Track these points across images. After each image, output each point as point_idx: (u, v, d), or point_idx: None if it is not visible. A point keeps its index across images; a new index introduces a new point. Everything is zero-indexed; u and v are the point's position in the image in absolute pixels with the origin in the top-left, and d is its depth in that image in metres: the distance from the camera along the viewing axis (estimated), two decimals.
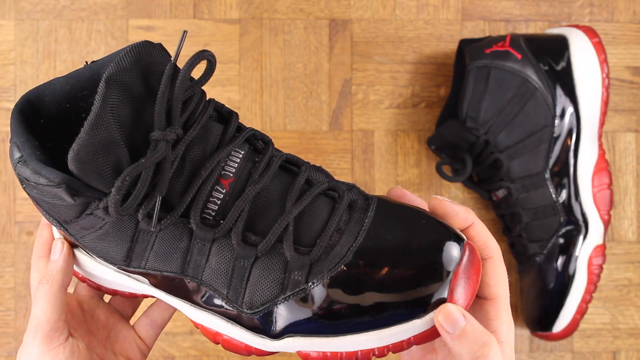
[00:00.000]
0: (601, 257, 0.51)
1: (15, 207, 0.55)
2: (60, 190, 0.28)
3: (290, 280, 0.30)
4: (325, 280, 0.29)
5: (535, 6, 0.57)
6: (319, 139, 0.56)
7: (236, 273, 0.30)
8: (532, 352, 0.56)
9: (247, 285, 0.30)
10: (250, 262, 0.30)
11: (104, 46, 0.56)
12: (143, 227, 0.31)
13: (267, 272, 0.30)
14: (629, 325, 0.57)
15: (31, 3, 0.56)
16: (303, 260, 0.30)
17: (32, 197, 0.31)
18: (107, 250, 0.32)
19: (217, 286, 0.31)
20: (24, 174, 0.29)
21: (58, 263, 0.35)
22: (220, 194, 0.30)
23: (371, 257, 0.30)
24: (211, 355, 0.55)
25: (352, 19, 0.57)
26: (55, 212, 0.31)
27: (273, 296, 0.30)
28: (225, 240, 0.30)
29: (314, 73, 0.56)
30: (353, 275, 0.29)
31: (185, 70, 0.28)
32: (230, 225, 0.30)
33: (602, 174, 0.51)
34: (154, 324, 0.40)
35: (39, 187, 0.29)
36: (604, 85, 0.50)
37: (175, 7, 0.56)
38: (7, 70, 0.56)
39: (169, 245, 0.31)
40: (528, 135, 0.50)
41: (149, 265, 0.32)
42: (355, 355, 0.30)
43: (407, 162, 0.57)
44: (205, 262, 0.30)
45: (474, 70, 0.50)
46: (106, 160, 0.28)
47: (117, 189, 0.27)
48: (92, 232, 0.31)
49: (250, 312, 0.30)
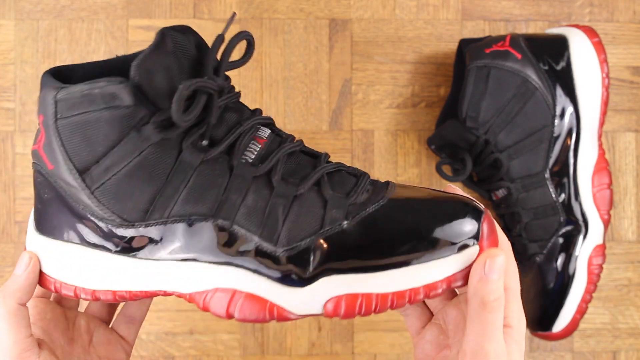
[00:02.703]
0: (601, 257, 0.51)
1: (15, 207, 0.55)
2: (121, 88, 0.29)
3: (328, 217, 0.30)
4: (363, 216, 0.30)
5: (535, 6, 0.57)
6: (319, 139, 0.56)
7: (273, 211, 0.30)
8: (532, 352, 0.56)
9: (285, 222, 0.30)
10: (289, 200, 0.31)
11: (103, 46, 0.56)
12: (186, 158, 0.30)
13: (307, 209, 0.31)
14: (629, 325, 0.57)
15: (31, 3, 0.56)
16: (341, 200, 0.31)
17: (56, 138, 0.30)
18: (129, 195, 0.30)
19: (251, 226, 0.30)
20: (69, 96, 0.30)
21: (20, 279, 0.33)
22: (256, 147, 0.32)
23: (405, 202, 0.31)
24: (211, 355, 0.55)
25: (352, 19, 0.57)
26: (83, 151, 0.30)
27: (312, 232, 0.30)
28: (264, 180, 0.31)
29: (314, 73, 0.56)
30: (391, 213, 0.30)
31: (230, 41, 0.32)
32: (271, 166, 0.31)
33: (602, 173, 0.51)
34: (133, 321, 0.40)
35: (84, 106, 0.29)
36: (603, 85, 0.50)
37: (175, 7, 0.56)
38: (7, 70, 0.56)
39: (207, 180, 0.31)
40: (528, 135, 0.50)
41: (175, 210, 0.30)
42: (388, 298, 0.30)
43: (407, 161, 0.57)
44: (242, 201, 0.31)
45: (474, 70, 0.50)
46: (164, 79, 0.30)
47: (180, 96, 0.29)
48: (122, 167, 0.30)
49: (287, 249, 0.30)
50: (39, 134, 0.32)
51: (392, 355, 0.56)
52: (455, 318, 0.35)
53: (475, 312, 0.30)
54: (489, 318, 0.30)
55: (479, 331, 0.30)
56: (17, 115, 0.55)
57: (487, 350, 0.29)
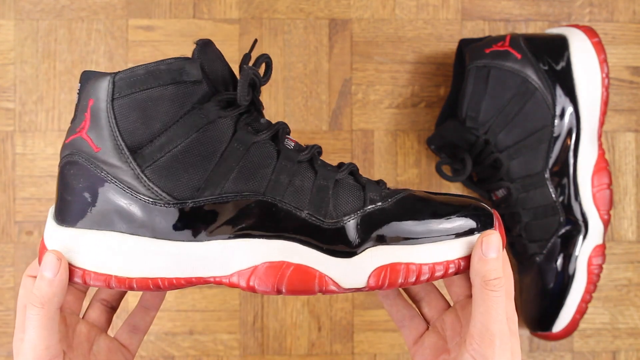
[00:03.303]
0: (601, 257, 0.51)
1: (15, 207, 0.55)
2: (190, 63, 0.32)
3: (368, 197, 0.34)
4: (398, 198, 0.34)
5: (535, 6, 0.57)
6: (318, 139, 0.56)
7: (320, 190, 0.34)
8: (532, 352, 0.56)
9: (331, 199, 0.33)
10: (332, 182, 0.34)
11: (103, 46, 0.56)
12: (240, 138, 0.33)
13: (348, 190, 0.34)
14: (628, 325, 0.57)
15: (31, 3, 0.56)
16: (376, 186, 0.35)
17: (109, 118, 0.32)
18: (183, 172, 0.32)
19: (298, 204, 0.33)
20: (131, 75, 0.32)
21: (54, 284, 0.32)
22: (291, 142, 0.36)
23: (425, 194, 0.35)
24: (211, 355, 0.55)
25: (352, 19, 0.57)
26: (138, 129, 0.32)
27: (356, 208, 0.33)
28: (306, 165, 0.34)
29: (314, 73, 0.56)
30: (417, 199, 0.34)
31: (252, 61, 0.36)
32: (311, 154, 0.35)
33: (602, 173, 0.51)
34: (137, 330, 0.40)
35: (148, 82, 0.32)
36: (603, 85, 0.50)
37: (175, 6, 0.56)
38: (7, 70, 0.56)
39: (258, 161, 0.33)
40: (528, 135, 0.50)
41: (227, 187, 0.32)
42: (427, 268, 0.32)
43: (407, 162, 0.57)
44: (289, 182, 0.33)
45: (473, 70, 0.50)
46: (220, 66, 0.34)
47: (246, 75, 0.33)
48: (178, 144, 0.32)
49: (335, 221, 0.33)
50: (80, 122, 0.33)
51: (392, 355, 0.56)
52: (452, 323, 0.36)
53: (478, 291, 0.32)
54: (492, 296, 0.31)
55: (484, 311, 0.31)
56: (17, 115, 0.55)
57: (492, 331, 0.31)
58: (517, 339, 0.33)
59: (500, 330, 0.31)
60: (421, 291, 0.39)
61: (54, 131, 0.56)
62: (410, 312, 0.39)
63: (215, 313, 0.56)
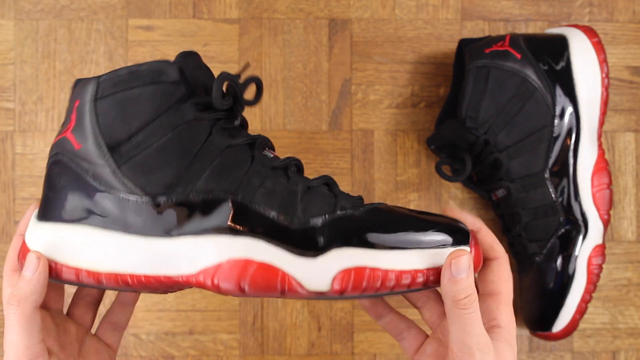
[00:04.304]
0: (601, 257, 0.51)
1: (14, 207, 0.55)
2: (168, 65, 0.33)
3: (339, 205, 0.34)
4: (369, 208, 0.34)
5: (534, 6, 0.57)
6: (318, 139, 0.56)
7: (291, 193, 0.34)
8: (531, 352, 0.56)
9: (300, 203, 0.33)
10: (304, 188, 0.34)
11: (103, 46, 0.56)
12: (214, 140, 0.34)
13: (321, 196, 0.34)
14: (628, 325, 0.57)
15: (31, 3, 0.56)
16: (348, 196, 0.35)
17: (91, 117, 0.33)
18: (156, 169, 0.33)
19: (267, 205, 0.33)
20: (114, 76, 0.33)
21: (31, 283, 0.32)
22: (270, 154, 0.36)
23: (393, 207, 0.35)
24: (210, 355, 0.55)
25: (352, 19, 0.57)
26: (117, 127, 0.33)
27: (325, 211, 0.33)
28: (280, 172, 0.35)
29: (314, 73, 0.56)
30: (389, 210, 0.34)
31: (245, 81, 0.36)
32: (286, 163, 0.35)
33: (602, 173, 0.51)
34: (118, 326, 0.40)
35: (129, 82, 0.33)
36: (603, 85, 0.50)
37: (174, 6, 0.56)
38: (7, 70, 0.56)
39: (231, 163, 0.34)
40: (528, 135, 0.50)
41: (199, 185, 0.33)
42: (393, 275, 0.32)
43: (407, 162, 0.57)
44: (260, 184, 0.34)
45: (473, 70, 0.50)
46: (200, 72, 0.35)
47: (220, 80, 0.34)
48: (154, 141, 0.33)
49: (302, 222, 0.33)
50: (67, 123, 0.34)
51: (392, 355, 0.56)
52: None
53: (450, 310, 0.32)
54: (464, 315, 0.31)
55: (458, 328, 0.31)
56: (17, 115, 0.55)
57: (470, 345, 0.31)
58: (511, 347, 0.33)
59: (478, 342, 0.31)
60: (422, 297, 0.39)
61: (53, 131, 0.56)
62: (407, 323, 0.39)
63: (215, 313, 0.56)
